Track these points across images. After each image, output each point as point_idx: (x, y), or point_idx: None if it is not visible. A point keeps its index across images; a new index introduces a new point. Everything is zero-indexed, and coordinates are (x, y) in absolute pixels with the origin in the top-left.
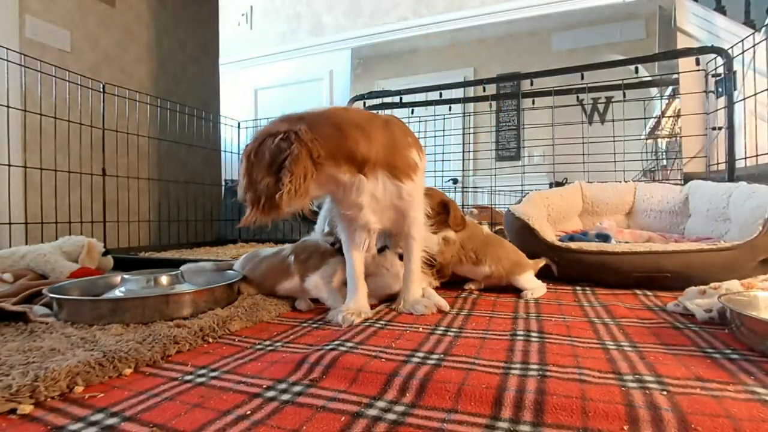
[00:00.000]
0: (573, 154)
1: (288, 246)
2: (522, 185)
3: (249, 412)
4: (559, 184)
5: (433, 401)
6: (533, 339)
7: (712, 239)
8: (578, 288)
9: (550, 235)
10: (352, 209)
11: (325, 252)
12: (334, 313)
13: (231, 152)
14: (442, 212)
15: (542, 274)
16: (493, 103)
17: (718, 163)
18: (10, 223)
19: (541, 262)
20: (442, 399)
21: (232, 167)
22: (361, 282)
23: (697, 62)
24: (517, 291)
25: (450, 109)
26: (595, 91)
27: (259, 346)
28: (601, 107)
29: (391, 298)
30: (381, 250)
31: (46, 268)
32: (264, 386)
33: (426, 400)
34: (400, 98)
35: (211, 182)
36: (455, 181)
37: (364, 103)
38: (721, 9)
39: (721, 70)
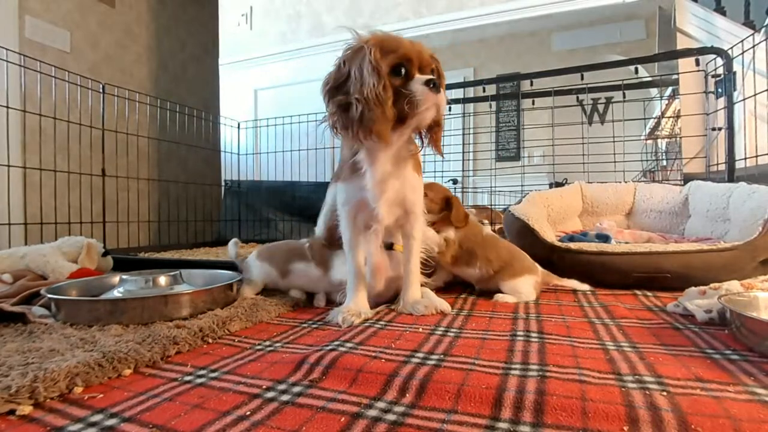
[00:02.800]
0: (573, 154)
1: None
2: (522, 185)
3: (249, 413)
4: (559, 185)
5: (433, 402)
6: (533, 339)
7: (712, 240)
8: (578, 288)
9: (550, 235)
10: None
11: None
12: (334, 314)
13: (231, 152)
14: (445, 208)
15: None
16: (493, 103)
17: (717, 164)
18: (9, 224)
19: (541, 275)
20: (442, 399)
21: (231, 167)
22: (361, 282)
23: (697, 63)
24: None
25: (450, 109)
26: (595, 91)
27: (258, 347)
28: (601, 107)
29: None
30: (389, 247)
31: (46, 268)
32: (264, 387)
33: (426, 401)
34: None
35: (211, 182)
36: (455, 182)
37: None
38: (720, 9)
39: (720, 70)
